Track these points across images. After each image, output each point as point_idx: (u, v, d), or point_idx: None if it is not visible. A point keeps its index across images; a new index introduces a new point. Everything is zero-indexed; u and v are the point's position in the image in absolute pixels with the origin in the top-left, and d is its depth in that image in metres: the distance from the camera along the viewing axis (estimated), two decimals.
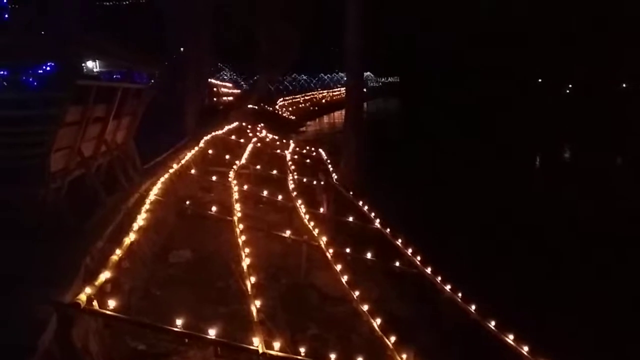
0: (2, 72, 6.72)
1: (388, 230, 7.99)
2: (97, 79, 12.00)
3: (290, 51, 21.00)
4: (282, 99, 44.72)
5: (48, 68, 7.99)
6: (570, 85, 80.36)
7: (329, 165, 13.52)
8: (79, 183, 6.45)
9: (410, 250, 7.17)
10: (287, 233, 7.03)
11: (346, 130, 15.03)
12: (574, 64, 71.86)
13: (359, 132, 14.81)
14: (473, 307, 5.71)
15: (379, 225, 8.28)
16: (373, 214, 8.66)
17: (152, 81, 10.40)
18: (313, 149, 16.29)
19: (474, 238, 10.58)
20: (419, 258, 6.95)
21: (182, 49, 16.95)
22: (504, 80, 73.30)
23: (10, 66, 6.59)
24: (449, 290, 6.15)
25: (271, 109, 36.29)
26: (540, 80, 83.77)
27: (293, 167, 11.87)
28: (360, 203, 9.22)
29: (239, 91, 37.26)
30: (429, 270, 6.61)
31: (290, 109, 43.73)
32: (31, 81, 7.46)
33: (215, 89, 30.21)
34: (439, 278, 6.39)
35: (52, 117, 5.30)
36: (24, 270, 4.16)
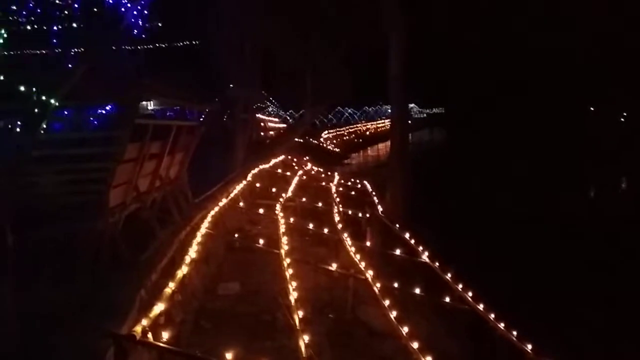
0: (65, 112, 7.13)
1: (437, 264, 7.81)
2: (152, 117, 12.59)
3: (337, 88, 21.47)
4: (326, 132, 45.41)
5: (108, 107, 8.45)
6: (625, 114, 77.17)
7: (375, 198, 13.45)
8: (134, 217, 6.71)
9: (460, 286, 6.96)
10: (334, 266, 7.00)
11: (391, 162, 14.95)
12: (625, 92, 69.08)
13: (404, 164, 14.71)
14: (529, 347, 5.46)
15: (427, 259, 8.11)
16: (420, 247, 8.50)
17: (203, 117, 10.80)
18: (358, 181, 16.29)
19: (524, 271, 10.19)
20: (470, 294, 6.73)
21: (231, 85, 17.60)
22: (553, 107, 71.38)
23: (73, 106, 7.00)
24: (502, 327, 5.91)
25: (316, 141, 36.86)
26: (592, 108, 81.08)
27: (338, 199, 11.88)
28: (407, 235, 9.09)
29: (285, 125, 38.08)
30: (481, 306, 6.39)
31: (334, 141, 44.28)
32: (92, 120, 7.89)
33: (262, 124, 31.05)
34: (492, 315, 6.16)
35: (111, 154, 5.59)
36: (84, 302, 4.33)
